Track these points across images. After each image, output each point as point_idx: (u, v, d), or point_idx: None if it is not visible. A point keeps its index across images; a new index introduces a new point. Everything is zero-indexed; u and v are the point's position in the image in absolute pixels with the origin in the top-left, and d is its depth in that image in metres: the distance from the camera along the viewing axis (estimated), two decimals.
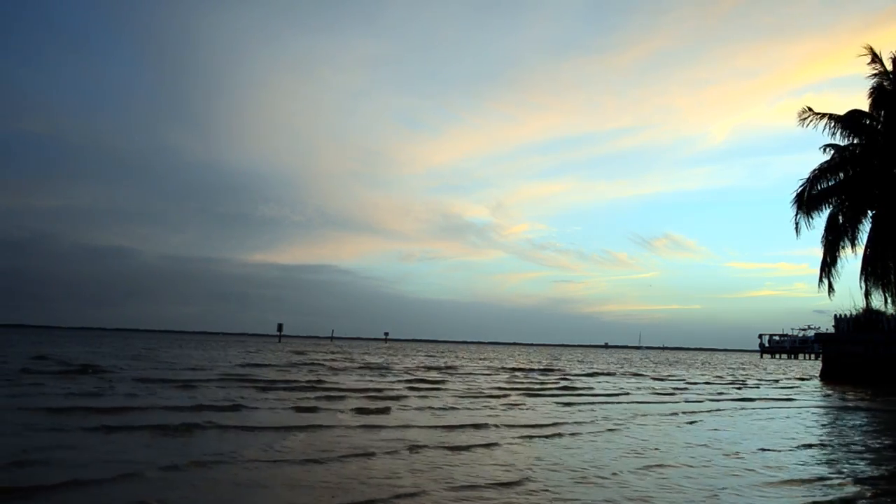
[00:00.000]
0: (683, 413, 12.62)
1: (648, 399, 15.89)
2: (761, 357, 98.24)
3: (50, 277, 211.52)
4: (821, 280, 28.41)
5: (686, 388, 20.29)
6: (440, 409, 11.89)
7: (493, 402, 13.76)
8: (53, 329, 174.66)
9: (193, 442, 7.64)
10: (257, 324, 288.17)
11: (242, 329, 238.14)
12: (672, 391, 18.92)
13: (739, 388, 21.06)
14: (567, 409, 12.84)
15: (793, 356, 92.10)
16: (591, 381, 22.53)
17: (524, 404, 13.39)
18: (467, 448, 7.62)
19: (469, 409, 12.20)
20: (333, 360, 32.98)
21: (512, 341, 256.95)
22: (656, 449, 8.01)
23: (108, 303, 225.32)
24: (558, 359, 53.99)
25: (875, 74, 27.57)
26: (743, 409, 14.19)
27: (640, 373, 31.00)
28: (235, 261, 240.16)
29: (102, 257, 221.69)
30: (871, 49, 27.57)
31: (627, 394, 17.32)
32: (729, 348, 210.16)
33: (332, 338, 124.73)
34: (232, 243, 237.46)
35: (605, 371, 31.32)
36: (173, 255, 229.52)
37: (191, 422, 8.77)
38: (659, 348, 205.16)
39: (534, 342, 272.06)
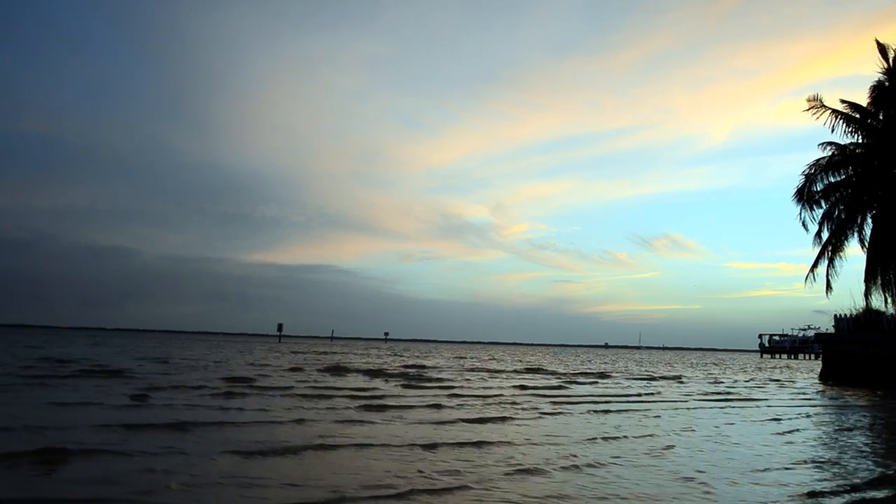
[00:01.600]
0: (786, 419, 12.42)
1: (732, 404, 15.63)
2: (761, 357, 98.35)
3: (50, 277, 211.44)
4: (809, 275, 28.55)
5: (744, 393, 19.84)
6: (543, 424, 11.08)
7: (595, 407, 13.58)
8: (53, 329, 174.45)
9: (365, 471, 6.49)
10: (257, 324, 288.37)
11: (242, 329, 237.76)
12: (739, 394, 18.77)
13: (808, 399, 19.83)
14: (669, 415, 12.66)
15: (793, 356, 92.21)
16: (652, 386, 21.71)
17: (626, 411, 13.18)
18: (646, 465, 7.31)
19: (592, 416, 12.15)
20: (367, 363, 31.07)
21: (512, 341, 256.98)
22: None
23: (108, 303, 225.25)
24: (589, 361, 52.06)
25: (880, 71, 27.64)
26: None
27: (681, 374, 30.74)
28: (235, 261, 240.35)
29: (102, 257, 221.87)
30: (878, 42, 27.66)
31: (732, 401, 16.72)
32: (729, 348, 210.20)
33: (332, 338, 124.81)
34: (232, 243, 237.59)
35: (647, 375, 29.66)
36: (173, 255, 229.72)
37: (322, 442, 7.86)
38: (659, 348, 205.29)
39: (534, 342, 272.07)
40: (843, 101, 28.09)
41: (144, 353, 33.50)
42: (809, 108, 28.08)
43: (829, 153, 28.43)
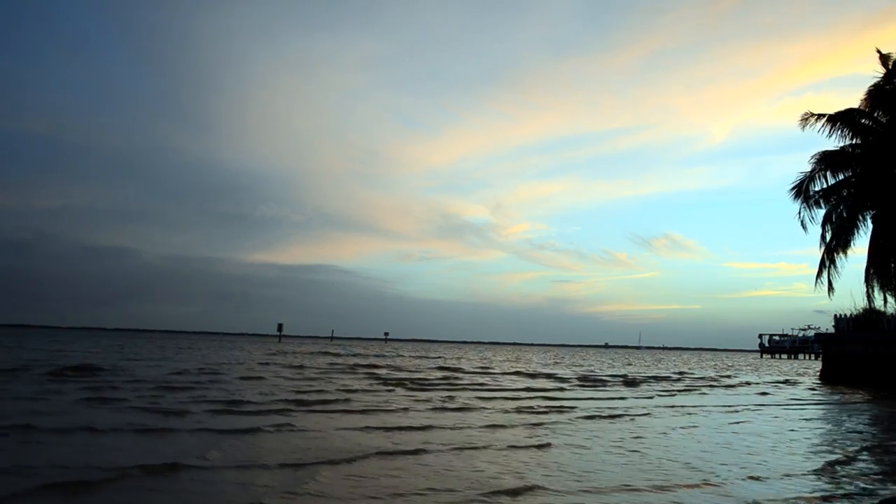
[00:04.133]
0: None
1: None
2: (761, 357, 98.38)
3: (50, 277, 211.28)
4: (818, 279, 28.68)
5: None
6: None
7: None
8: (54, 329, 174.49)
9: None
10: (258, 324, 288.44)
11: (242, 329, 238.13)
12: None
13: None
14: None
15: (793, 356, 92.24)
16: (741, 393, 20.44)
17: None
18: None
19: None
20: (416, 369, 27.77)
21: (512, 341, 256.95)
22: None
23: (108, 303, 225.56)
24: (633, 364, 48.46)
25: (879, 76, 27.82)
26: None
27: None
28: (235, 261, 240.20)
29: (102, 257, 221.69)
30: (879, 50, 27.96)
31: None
32: (729, 348, 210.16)
33: (331, 338, 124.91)
34: (232, 243, 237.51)
35: (712, 377, 28.99)
36: (173, 255, 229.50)
37: None
38: (659, 348, 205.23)
39: (534, 342, 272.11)
40: (832, 116, 28.26)
41: (185, 358, 30.59)
42: (805, 121, 28.33)
43: (823, 163, 28.59)
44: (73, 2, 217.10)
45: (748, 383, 25.77)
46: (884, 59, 27.73)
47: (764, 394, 19.97)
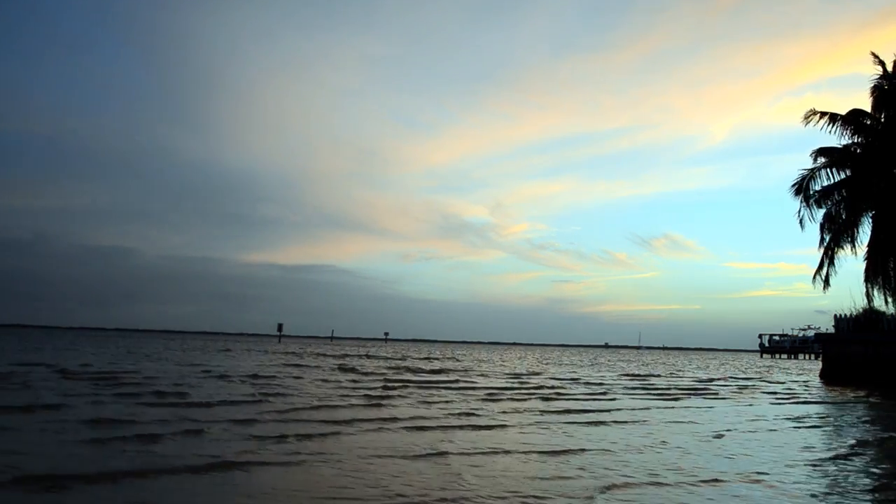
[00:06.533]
0: None
1: None
2: (761, 356, 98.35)
3: (50, 277, 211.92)
4: (816, 274, 28.70)
5: None
6: None
7: None
8: (54, 329, 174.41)
9: None
10: (257, 324, 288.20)
11: (242, 329, 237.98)
12: None
13: None
14: None
15: (793, 356, 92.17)
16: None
17: None
18: None
19: None
20: (475, 372, 26.47)
21: (511, 341, 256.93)
22: None
23: (108, 303, 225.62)
24: (683, 365, 46.58)
25: (877, 77, 27.84)
26: None
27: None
28: (235, 261, 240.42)
29: (102, 257, 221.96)
30: (874, 54, 28.00)
31: None
32: (729, 348, 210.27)
33: (331, 338, 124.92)
34: (232, 243, 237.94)
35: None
36: (173, 255, 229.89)
37: None
38: (659, 348, 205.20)
39: (533, 342, 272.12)
40: (834, 115, 28.24)
41: (238, 363, 28.23)
42: (808, 119, 28.37)
43: (822, 161, 28.59)
44: (73, 2, 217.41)
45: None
46: (880, 61, 27.87)
47: None
